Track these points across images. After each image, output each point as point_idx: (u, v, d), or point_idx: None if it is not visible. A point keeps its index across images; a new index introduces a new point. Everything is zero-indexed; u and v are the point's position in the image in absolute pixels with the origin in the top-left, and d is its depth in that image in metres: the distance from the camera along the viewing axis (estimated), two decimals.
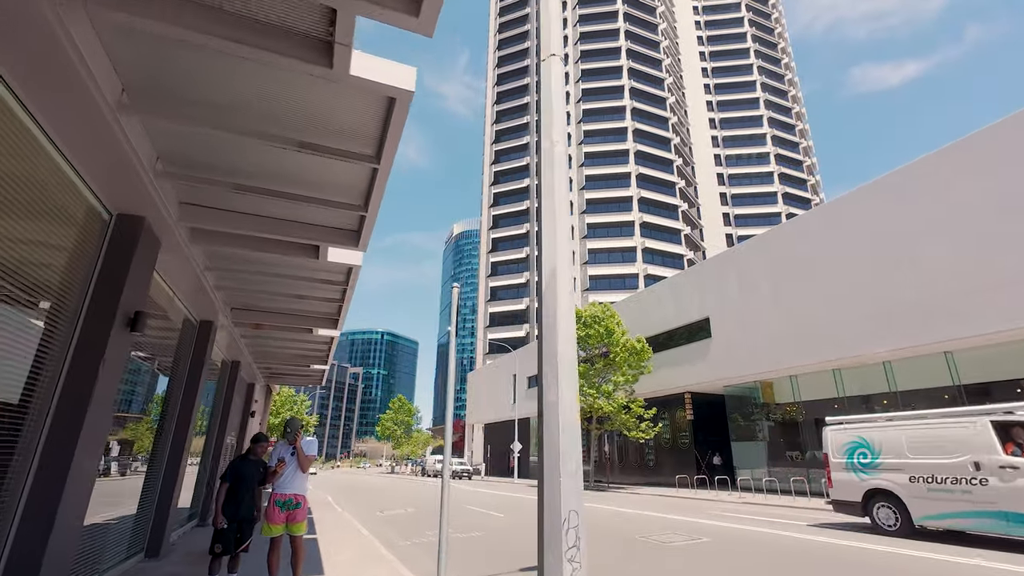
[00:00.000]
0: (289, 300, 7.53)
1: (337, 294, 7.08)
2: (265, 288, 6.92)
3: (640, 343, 25.29)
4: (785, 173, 77.54)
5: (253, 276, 6.54)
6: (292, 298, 7.17)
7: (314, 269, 6.23)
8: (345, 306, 7.32)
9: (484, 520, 12.29)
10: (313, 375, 14.33)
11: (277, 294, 7.07)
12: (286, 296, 7.12)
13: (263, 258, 5.89)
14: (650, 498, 19.74)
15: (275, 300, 7.62)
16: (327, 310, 7.90)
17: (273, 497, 5.13)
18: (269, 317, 8.39)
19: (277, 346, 10.77)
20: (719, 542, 8.78)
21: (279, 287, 6.88)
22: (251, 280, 6.76)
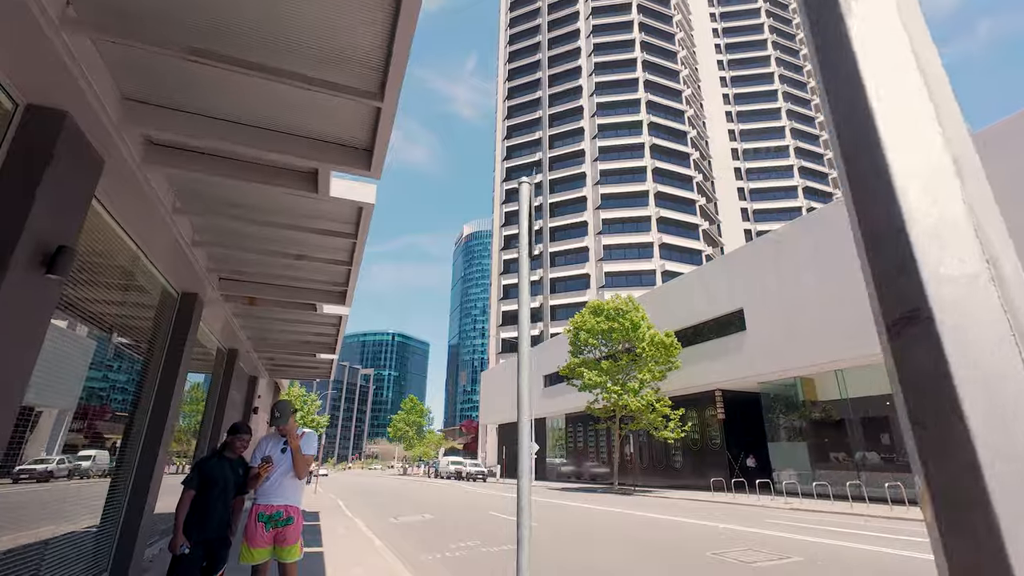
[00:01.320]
0: (287, 264, 6.20)
1: (344, 252, 5.72)
2: (255, 242, 5.59)
3: (669, 337, 23.73)
4: (805, 166, 75.33)
5: (238, 225, 5.21)
6: (290, 260, 5.83)
7: (314, 212, 4.88)
8: (355, 270, 5.96)
9: (514, 530, 10.85)
10: (321, 367, 13.03)
11: (271, 252, 5.74)
12: (282, 257, 5.79)
13: (246, 194, 4.56)
14: (685, 503, 18.17)
15: (270, 264, 6.28)
16: (333, 278, 6.55)
17: (255, 510, 3.77)
18: (265, 290, 7.06)
19: (278, 330, 9.46)
20: (816, 563, 7.27)
21: (272, 241, 5.56)
22: (236, 232, 5.44)
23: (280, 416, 3.99)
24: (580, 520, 12.75)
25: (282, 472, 3.88)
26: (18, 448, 3.75)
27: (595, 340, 24.71)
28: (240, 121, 3.62)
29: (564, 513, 14.50)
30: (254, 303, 7.38)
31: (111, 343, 5.30)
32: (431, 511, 15.25)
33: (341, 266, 5.94)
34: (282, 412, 4.01)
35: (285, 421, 3.99)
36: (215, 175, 4.01)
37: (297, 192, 4.27)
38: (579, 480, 36.55)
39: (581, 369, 24.43)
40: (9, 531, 3.87)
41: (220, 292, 7.02)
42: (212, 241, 5.54)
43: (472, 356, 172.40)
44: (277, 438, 4.03)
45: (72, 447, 5.15)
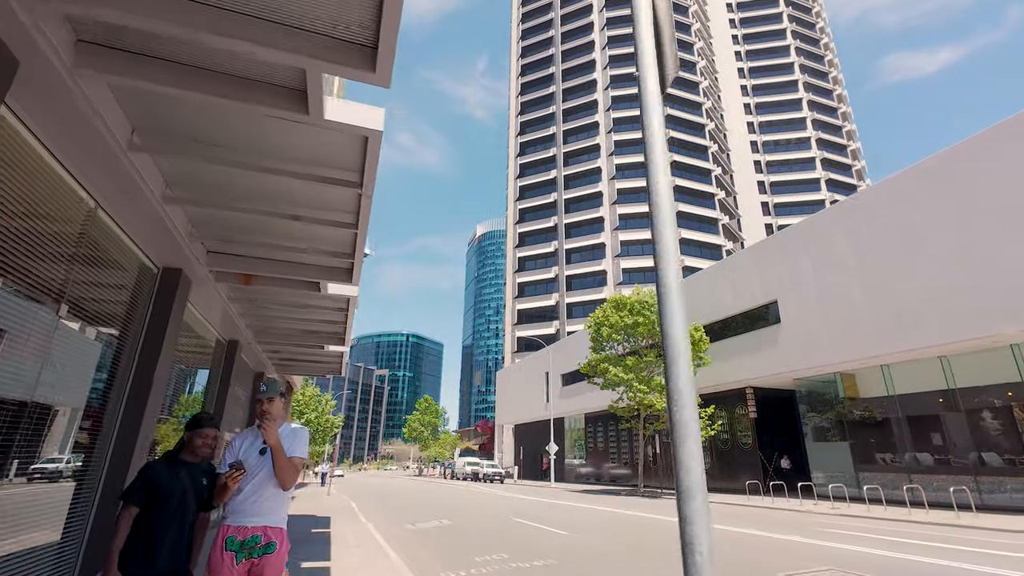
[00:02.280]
0: (281, 229, 5.24)
1: (348, 210, 4.73)
2: (240, 198, 4.62)
3: (698, 332, 22.47)
4: (828, 158, 73.08)
5: (216, 172, 4.24)
6: (285, 220, 4.86)
7: (309, 154, 3.90)
8: (361, 235, 4.96)
9: (545, 540, 9.80)
10: (330, 362, 12.11)
11: (260, 211, 4.77)
12: (275, 217, 4.82)
13: (220, 123, 3.58)
14: (722, 509, 16.93)
15: (262, 230, 5.33)
16: (336, 247, 5.57)
17: (223, 533, 2.78)
18: (261, 266, 6.12)
19: (281, 317, 8.53)
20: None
21: (260, 196, 4.58)
22: (216, 185, 4.47)
23: (266, 390, 3.01)
24: (624, 528, 11.65)
25: (260, 481, 2.88)
26: None
27: (618, 335, 23.54)
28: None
29: (603, 519, 13.40)
30: (250, 282, 6.44)
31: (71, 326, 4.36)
32: (449, 515, 14.26)
33: (345, 229, 4.95)
34: (268, 387, 3.03)
35: (269, 393, 3.00)
36: (172, 86, 3.03)
37: (282, 115, 3.28)
38: (598, 482, 35.35)
39: (605, 366, 23.27)
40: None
41: (209, 268, 6.09)
42: (189, 197, 4.58)
43: (486, 357, 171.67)
44: (255, 435, 3.04)
45: (30, 447, 4.24)
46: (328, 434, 43.67)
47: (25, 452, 4.04)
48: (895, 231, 17.21)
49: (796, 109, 75.99)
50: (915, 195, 16.71)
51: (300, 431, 3.12)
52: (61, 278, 4.01)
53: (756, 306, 22.63)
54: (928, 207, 16.25)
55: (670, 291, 2.17)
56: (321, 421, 42.57)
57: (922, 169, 16.81)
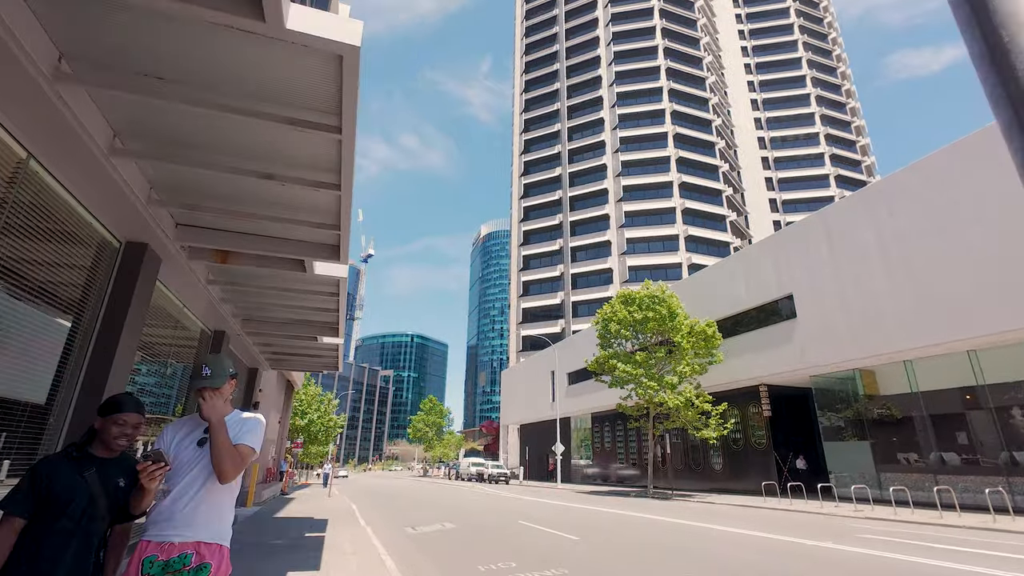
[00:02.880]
0: (254, 191, 4.57)
1: (329, 166, 4.06)
2: (202, 148, 3.95)
3: (711, 327, 21.70)
4: (837, 154, 72.01)
5: (170, 115, 3.58)
6: (258, 180, 4.19)
7: (275, 89, 3.23)
8: (346, 197, 4.28)
9: (555, 545, 9.10)
10: (326, 355, 11.45)
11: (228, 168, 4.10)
12: (245, 176, 4.14)
13: (163, 29, 2.89)
14: (740, 512, 16.17)
15: (232, 194, 4.66)
16: (319, 215, 4.89)
17: (140, 551, 2.10)
18: (238, 241, 5.46)
19: (267, 303, 7.87)
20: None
21: (225, 146, 3.92)
22: (172, 130, 3.80)
23: (211, 374, 2.34)
24: (638, 532, 10.93)
25: (194, 481, 2.21)
26: None
27: (627, 331, 22.79)
28: None
29: (614, 522, 12.68)
30: (227, 260, 5.78)
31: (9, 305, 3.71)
32: (452, 518, 13.58)
33: (327, 191, 4.27)
34: (213, 369, 2.35)
35: (217, 382, 2.34)
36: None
37: (232, 21, 2.60)
38: (605, 482, 34.58)
39: (613, 362, 22.53)
40: None
41: (180, 244, 5.44)
42: (140, 149, 3.92)
43: (491, 357, 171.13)
44: (194, 424, 2.37)
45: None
46: (331, 434, 43.10)
47: None
48: (922, 218, 16.40)
49: (804, 104, 74.97)
50: (946, 178, 15.89)
51: (252, 420, 2.45)
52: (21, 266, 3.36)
53: (771, 300, 21.83)
54: (961, 191, 15.42)
55: None
56: (324, 421, 42.01)
57: (955, 150, 15.97)
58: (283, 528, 11.14)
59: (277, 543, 8.90)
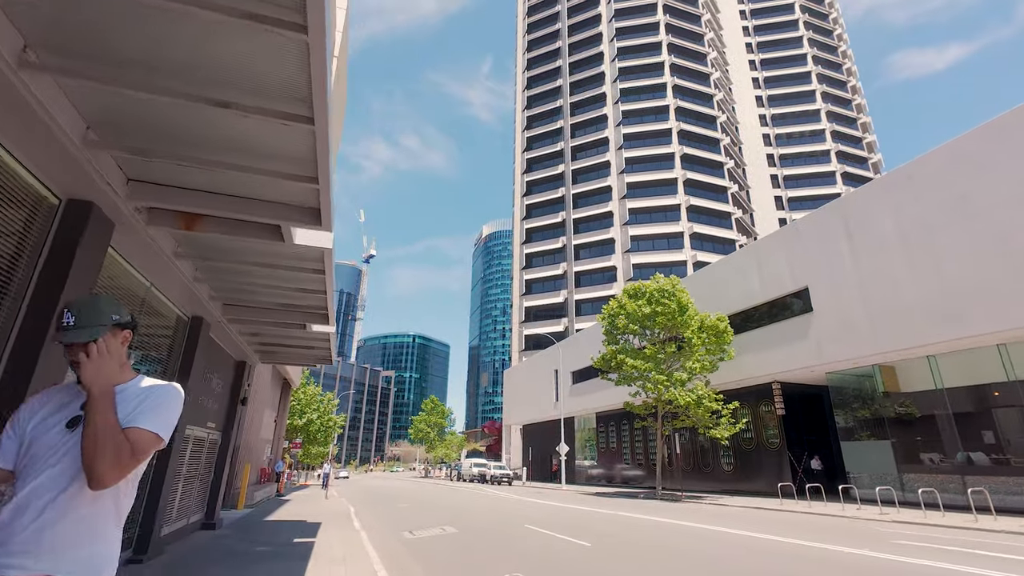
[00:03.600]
0: (214, 130, 3.79)
1: (299, 97, 3.28)
2: (124, 40, 3.14)
3: (722, 322, 20.88)
4: (843, 151, 71.13)
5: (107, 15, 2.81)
6: (212, 110, 3.42)
7: None
8: (322, 135, 3.51)
9: (565, 553, 8.30)
10: (318, 346, 10.67)
11: (167, 89, 3.31)
12: (197, 104, 3.36)
13: None
14: (755, 514, 15.34)
15: (186, 135, 3.87)
16: (294, 165, 4.10)
17: None
18: (201, 201, 4.68)
19: (245, 282, 7.06)
20: None
21: (152, 42, 3.12)
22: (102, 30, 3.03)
23: (75, 322, 1.56)
24: (653, 537, 10.13)
25: (53, 482, 1.43)
26: None
27: (635, 326, 21.97)
28: None
29: (626, 526, 11.88)
30: (193, 226, 5.01)
31: None
32: (454, 521, 12.79)
33: (298, 124, 3.49)
34: (81, 314, 1.57)
35: (84, 335, 1.56)
36: None
37: None
38: (610, 483, 33.77)
39: (621, 358, 21.72)
40: None
41: (135, 204, 4.67)
42: (58, 65, 3.14)
43: (493, 357, 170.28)
44: (70, 395, 1.60)
45: None
46: (330, 434, 42.35)
47: None
48: (948, 204, 15.57)
49: (810, 101, 74.11)
50: (975, 161, 15.06)
51: (161, 391, 1.66)
52: None
53: (785, 294, 21.00)
54: (991, 174, 14.59)
55: None
56: (323, 421, 41.26)
57: (985, 132, 15.14)
58: (271, 533, 10.37)
59: (260, 550, 8.12)
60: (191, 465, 9.17)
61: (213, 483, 10.68)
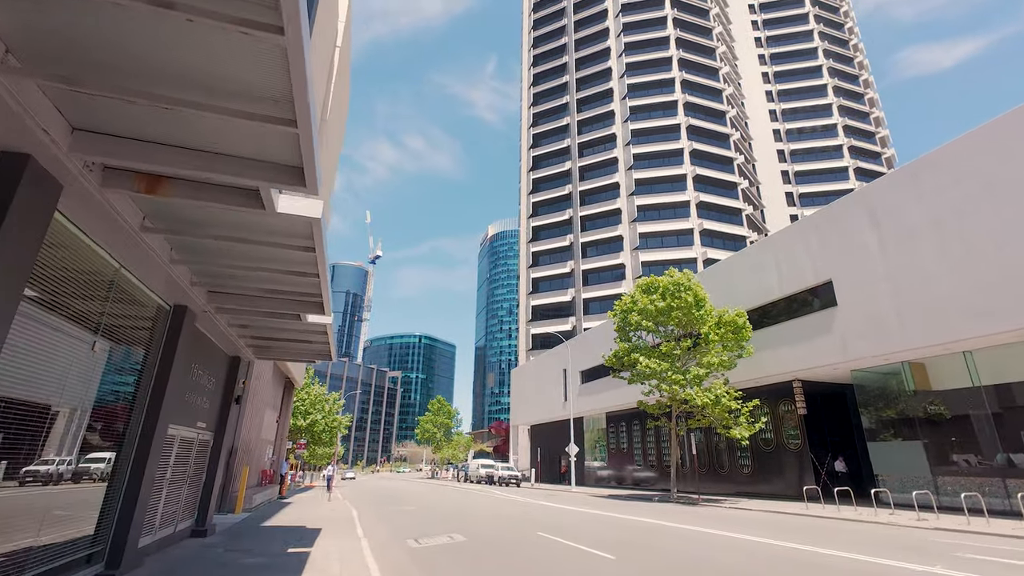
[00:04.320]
0: (156, 43, 3.02)
1: None
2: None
3: (741, 317, 19.98)
4: (856, 146, 69.73)
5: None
6: (156, 10, 2.63)
7: None
8: (296, 59, 2.75)
9: (586, 568, 7.49)
10: (315, 340, 9.90)
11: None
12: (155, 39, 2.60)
13: None
14: (784, 520, 14.46)
15: (123, 59, 3.11)
16: (264, 104, 3.34)
17: None
18: (162, 156, 3.92)
19: (227, 263, 6.29)
20: None
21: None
22: None
23: None
24: (680, 547, 9.30)
25: None
26: None
27: (648, 323, 21.09)
28: None
29: (647, 534, 11.05)
30: (156, 189, 4.26)
31: None
32: (462, 528, 12.01)
33: (266, 36, 2.71)
34: None
35: None
36: None
37: None
38: (620, 485, 32.90)
39: (634, 356, 20.86)
40: None
41: (81, 158, 3.92)
42: None
43: (499, 358, 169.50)
44: None
45: None
46: (335, 434, 41.72)
47: None
48: (984, 190, 14.62)
49: (821, 95, 72.77)
50: (1013, 145, 14.11)
51: None
52: None
53: (806, 288, 20.07)
54: None
55: None
56: (328, 421, 40.64)
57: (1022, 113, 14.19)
58: (266, 540, 9.63)
59: (250, 562, 7.38)
60: (177, 468, 8.45)
61: (205, 487, 9.97)
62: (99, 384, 5.77)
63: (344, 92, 25.57)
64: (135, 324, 6.54)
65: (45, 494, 5.21)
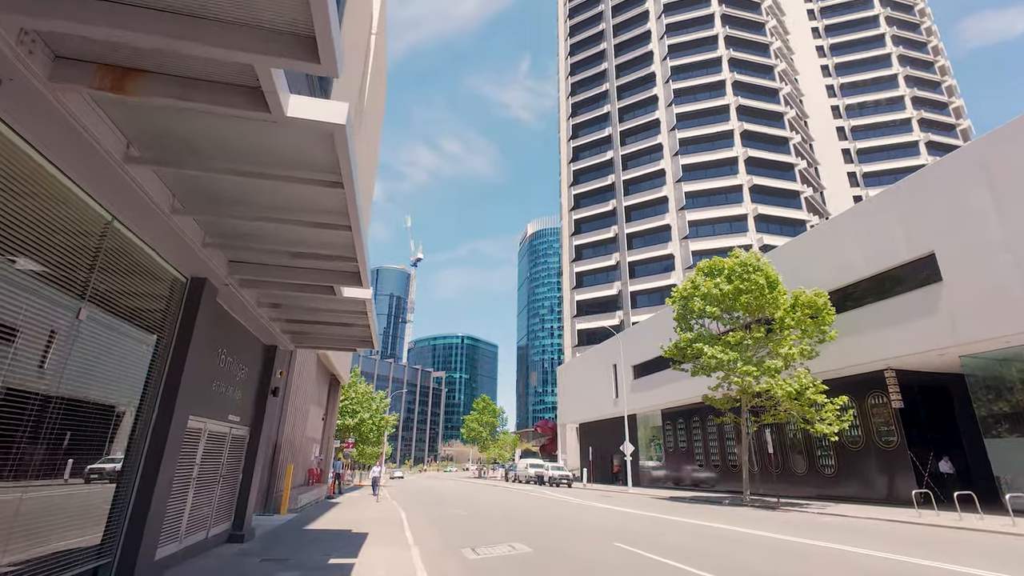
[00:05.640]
0: None
1: None
2: None
3: (821, 297, 17.76)
4: (926, 118, 64.06)
5: None
6: None
7: None
8: None
9: None
10: (354, 322, 8.72)
11: None
12: None
13: None
14: (889, 528, 12.35)
15: None
16: None
17: None
18: (128, 20, 2.74)
19: (241, 215, 5.15)
20: None
21: None
22: None
23: None
24: (797, 566, 7.64)
25: None
26: None
27: (714, 308, 19.10)
28: None
29: (746, 546, 9.39)
30: (123, 85, 3.11)
31: None
32: (523, 535, 10.67)
33: None
34: None
35: None
36: None
37: None
38: (677, 486, 30.78)
39: (699, 346, 18.96)
40: None
41: (18, 45, 2.79)
42: None
43: (542, 356, 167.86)
44: None
45: None
46: (382, 433, 41.41)
47: None
48: None
49: (885, 66, 67.37)
50: None
51: None
52: None
53: (901, 264, 17.58)
54: None
55: None
56: (376, 420, 40.37)
57: None
58: (307, 547, 8.61)
59: (285, 575, 6.29)
60: (207, 466, 7.51)
61: (242, 487, 9.05)
62: (97, 364, 4.76)
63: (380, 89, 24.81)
64: (144, 297, 5.54)
65: (39, 498, 4.23)
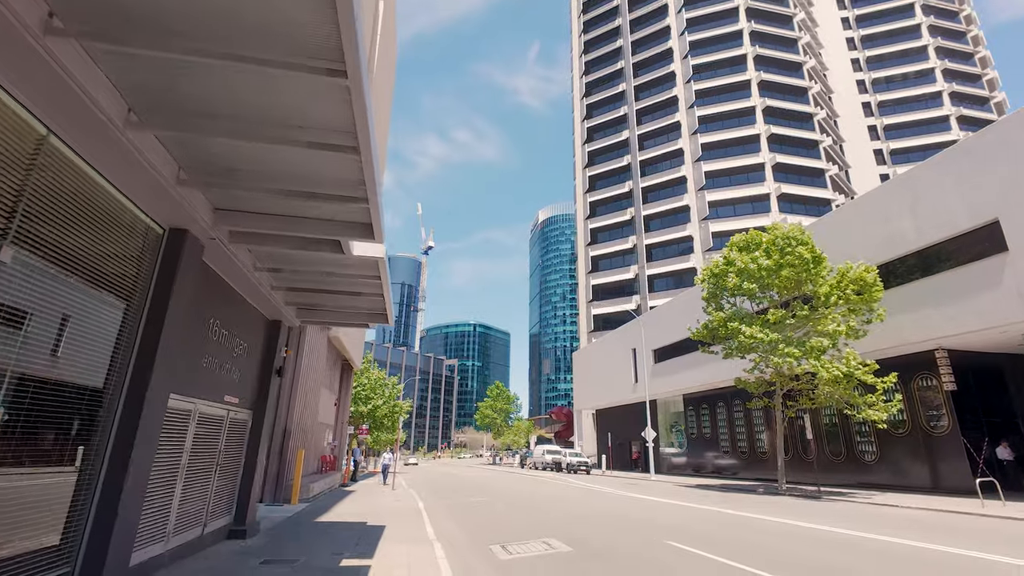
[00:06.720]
0: None
1: None
2: None
3: (869, 272, 16.36)
4: (958, 91, 61.08)
5: None
6: None
7: None
8: None
9: None
10: (365, 290, 7.65)
11: None
12: None
13: None
14: (953, 520, 11.13)
15: None
16: None
17: None
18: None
19: (225, 131, 4.04)
20: None
21: None
22: None
23: None
24: (884, 568, 6.51)
25: None
26: None
27: (751, 285, 17.77)
28: None
29: (809, 543, 8.28)
30: None
31: None
32: (556, 530, 9.64)
33: None
34: None
35: None
36: None
37: None
38: (698, 473, 29.70)
39: (734, 325, 17.69)
40: None
41: None
42: None
43: (554, 344, 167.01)
44: None
45: None
46: (396, 419, 40.79)
47: None
48: None
49: (914, 37, 64.29)
50: None
51: None
52: None
53: (959, 233, 16.08)
54: None
55: None
56: (389, 406, 39.71)
57: None
58: (317, 543, 7.66)
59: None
60: (199, 453, 6.53)
61: (243, 476, 8.11)
62: (107, 352, 3.72)
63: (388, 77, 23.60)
64: (106, 248, 4.48)
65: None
